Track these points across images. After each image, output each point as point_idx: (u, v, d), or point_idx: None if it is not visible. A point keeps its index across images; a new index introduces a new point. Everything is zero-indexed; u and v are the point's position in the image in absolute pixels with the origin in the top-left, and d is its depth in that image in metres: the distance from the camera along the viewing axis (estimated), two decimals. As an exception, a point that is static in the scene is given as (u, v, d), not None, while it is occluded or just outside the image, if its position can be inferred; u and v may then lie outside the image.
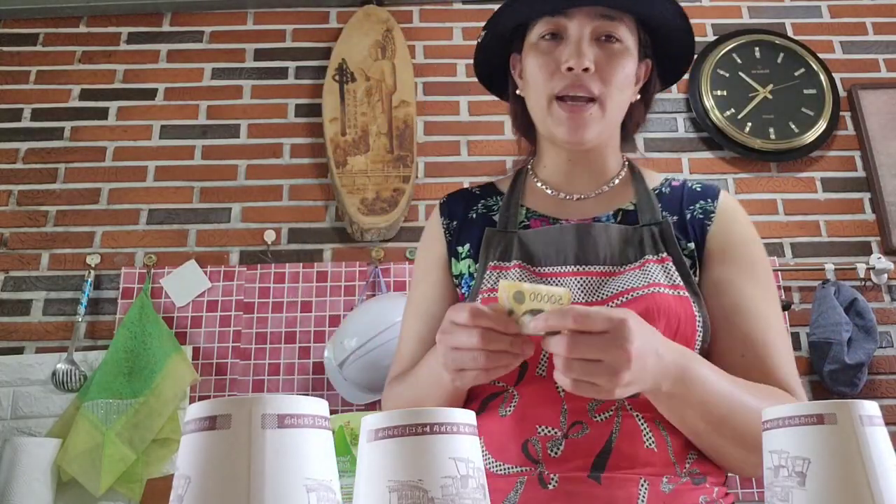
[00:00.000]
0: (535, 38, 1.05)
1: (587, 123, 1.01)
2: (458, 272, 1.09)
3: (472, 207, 1.13)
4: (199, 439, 0.48)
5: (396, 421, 0.55)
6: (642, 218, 1.04)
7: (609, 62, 1.01)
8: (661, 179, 1.14)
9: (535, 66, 1.04)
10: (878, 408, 0.61)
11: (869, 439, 0.56)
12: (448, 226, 1.12)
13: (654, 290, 0.94)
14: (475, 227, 1.10)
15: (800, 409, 0.59)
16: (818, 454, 0.56)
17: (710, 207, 1.06)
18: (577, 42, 1.00)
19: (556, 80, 1.01)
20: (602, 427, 0.89)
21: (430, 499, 0.52)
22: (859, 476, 0.55)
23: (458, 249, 1.10)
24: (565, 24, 1.01)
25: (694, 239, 1.03)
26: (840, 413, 0.57)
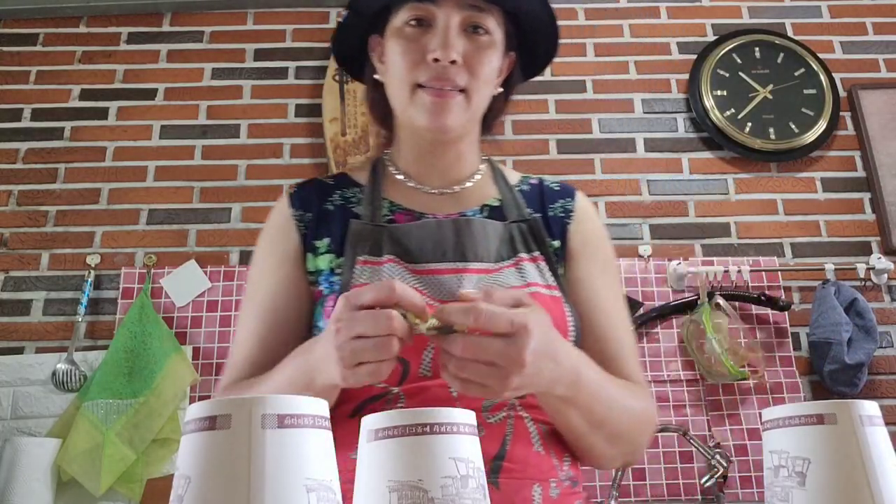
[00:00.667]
0: (399, 23, 0.99)
1: (451, 110, 0.97)
2: (316, 268, 1.00)
3: (327, 199, 1.05)
4: (199, 439, 0.48)
5: (396, 421, 0.55)
6: (509, 214, 1.04)
7: (476, 55, 0.98)
8: (520, 177, 1.14)
9: (398, 52, 0.99)
10: (878, 408, 0.61)
11: (869, 439, 0.56)
12: (301, 218, 1.03)
13: (533, 290, 0.95)
14: (334, 219, 1.02)
15: (800, 409, 0.59)
16: (818, 454, 0.56)
17: (569, 206, 1.08)
18: (444, 32, 0.96)
19: (421, 69, 0.96)
20: (496, 429, 0.88)
21: (430, 499, 0.52)
22: (859, 476, 0.55)
23: (315, 244, 1.01)
24: (433, 11, 0.97)
25: (558, 236, 1.05)
26: (840, 413, 0.57)
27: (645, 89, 2.64)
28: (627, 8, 2.75)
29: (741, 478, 2.16)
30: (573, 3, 2.74)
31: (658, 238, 2.45)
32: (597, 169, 2.53)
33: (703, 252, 2.43)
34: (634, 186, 2.51)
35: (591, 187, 2.50)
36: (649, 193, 2.50)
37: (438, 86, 0.96)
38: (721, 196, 2.50)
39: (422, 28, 0.98)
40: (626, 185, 2.51)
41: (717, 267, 2.33)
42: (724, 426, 2.21)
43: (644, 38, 2.71)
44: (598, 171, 2.52)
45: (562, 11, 2.72)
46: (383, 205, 1.04)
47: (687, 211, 2.48)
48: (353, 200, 1.05)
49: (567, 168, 2.52)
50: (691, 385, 2.25)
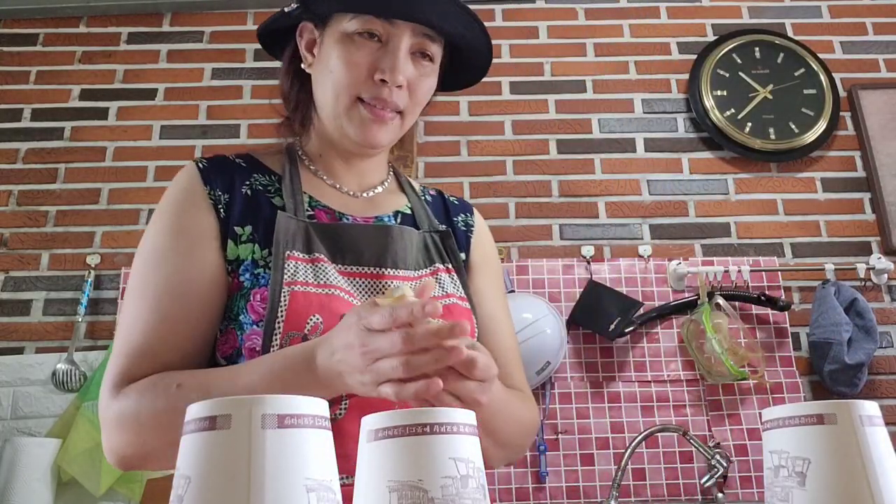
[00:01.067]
0: (350, 30, 0.96)
1: (386, 130, 0.98)
2: (237, 256, 0.93)
3: (244, 182, 0.99)
4: (199, 439, 0.48)
5: (396, 421, 0.55)
6: (421, 223, 1.06)
7: (420, 80, 0.99)
8: (420, 187, 1.16)
9: (343, 60, 0.96)
10: (878, 408, 0.61)
11: (869, 439, 0.56)
12: (219, 199, 0.95)
13: (452, 302, 0.98)
14: (255, 207, 0.96)
15: (800, 409, 0.59)
16: (818, 454, 0.56)
17: (470, 222, 1.13)
18: (395, 54, 0.95)
19: (366, 85, 0.96)
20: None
21: (430, 499, 0.52)
22: (859, 476, 0.55)
23: (236, 230, 0.94)
24: (389, 30, 0.96)
25: (463, 249, 1.08)
26: (840, 413, 0.57)
27: (645, 89, 2.64)
28: (627, 8, 2.75)
29: (741, 478, 2.16)
30: (573, 3, 2.74)
31: (658, 238, 2.45)
32: (597, 169, 2.53)
33: (703, 252, 2.43)
34: (634, 186, 2.51)
35: (591, 187, 2.50)
36: (649, 193, 2.50)
37: (380, 106, 0.96)
38: (721, 196, 2.50)
39: (372, 42, 0.96)
40: (626, 185, 2.51)
41: (717, 267, 2.33)
42: (724, 426, 2.22)
43: (644, 38, 2.71)
44: (598, 171, 2.52)
45: (562, 11, 2.72)
46: (304, 199, 1.00)
47: (687, 211, 2.48)
48: (271, 189, 1.00)
49: (567, 168, 2.52)
50: (691, 385, 2.25)
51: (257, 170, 1.03)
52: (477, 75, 1.10)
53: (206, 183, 0.96)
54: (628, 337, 2.29)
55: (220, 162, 1.01)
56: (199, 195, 0.95)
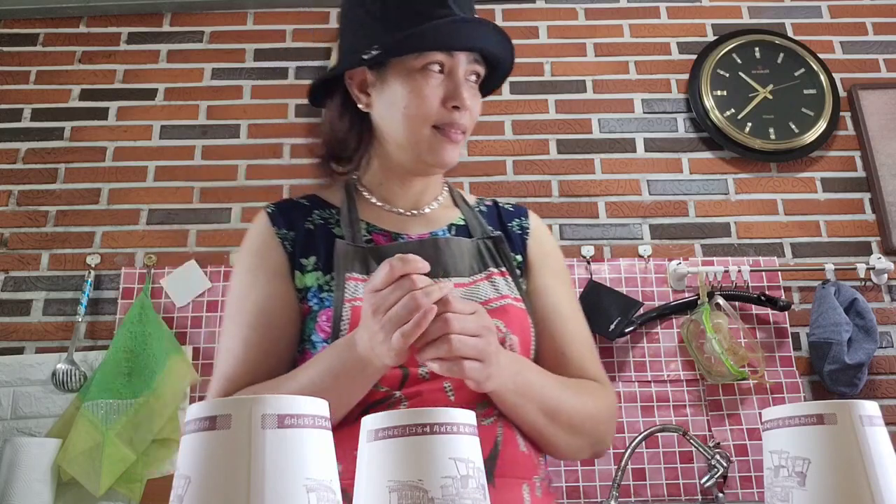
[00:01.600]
0: (416, 66, 1.05)
1: (456, 149, 1.09)
2: (304, 285, 1.06)
3: (307, 218, 1.12)
4: (199, 439, 0.48)
5: (396, 421, 0.55)
6: (474, 232, 1.14)
7: (474, 100, 1.09)
8: (476, 199, 1.24)
9: (416, 94, 1.05)
10: (878, 408, 0.61)
11: (869, 439, 0.56)
12: (286, 236, 1.09)
13: (507, 303, 1.05)
14: (317, 239, 1.09)
15: (800, 409, 0.59)
16: (818, 454, 0.56)
17: (525, 224, 1.20)
18: (459, 83, 1.06)
19: (440, 114, 1.05)
20: (488, 430, 0.96)
21: (430, 499, 0.52)
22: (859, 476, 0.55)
23: (302, 262, 1.07)
24: (450, 61, 1.06)
25: (519, 251, 1.16)
26: (840, 413, 0.57)
27: (645, 89, 2.64)
28: (627, 8, 2.75)
29: (741, 478, 2.16)
30: (573, 3, 2.74)
31: (658, 238, 2.45)
32: (597, 169, 2.53)
33: (703, 252, 2.43)
34: (634, 186, 2.51)
35: (591, 187, 2.50)
36: (649, 193, 2.50)
37: (453, 130, 1.06)
38: (721, 196, 2.50)
39: (436, 73, 1.06)
40: (626, 185, 2.51)
41: (717, 267, 2.33)
42: (724, 426, 2.21)
43: (644, 38, 2.71)
44: (598, 171, 2.52)
45: (562, 11, 2.72)
46: (361, 226, 1.10)
47: (687, 211, 2.48)
48: (332, 221, 1.12)
49: (567, 168, 2.52)
50: (691, 385, 2.25)
51: (318, 206, 1.14)
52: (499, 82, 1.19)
53: (274, 224, 1.10)
54: (628, 337, 2.29)
55: (285, 204, 1.15)
56: (269, 236, 1.09)
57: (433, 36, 1.04)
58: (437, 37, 1.04)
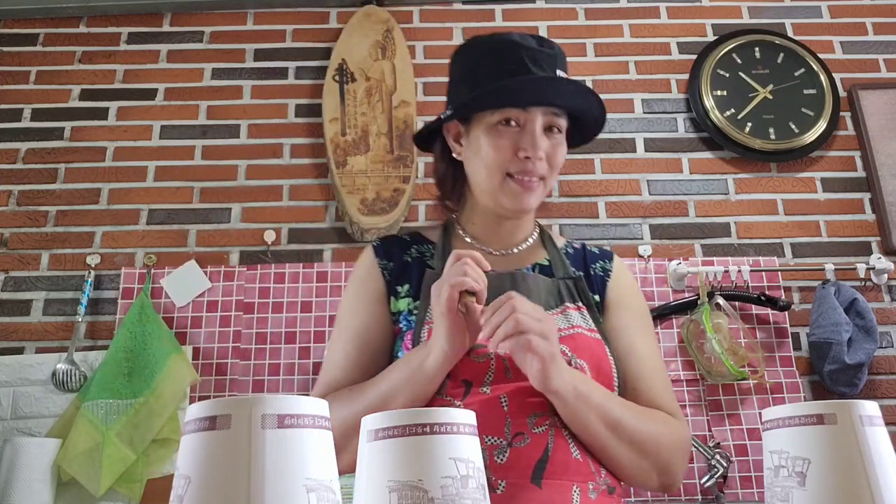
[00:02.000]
0: (494, 121, 1.18)
1: (533, 195, 1.19)
2: (398, 309, 1.21)
3: (406, 252, 1.27)
4: (199, 439, 0.48)
5: (396, 421, 0.54)
6: (557, 272, 1.23)
7: (554, 151, 1.19)
8: (564, 242, 1.34)
9: (492, 146, 1.18)
10: (878, 408, 0.60)
11: (869, 439, 0.56)
12: (385, 266, 1.25)
13: (577, 332, 1.14)
14: (412, 270, 1.24)
15: (800, 409, 0.59)
16: (818, 454, 0.56)
17: (608, 267, 1.29)
18: (533, 134, 1.16)
19: (513, 163, 1.17)
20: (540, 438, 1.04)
21: (430, 499, 0.52)
22: (859, 476, 0.55)
23: (397, 289, 1.22)
24: (524, 116, 1.17)
25: (598, 292, 1.24)
26: (840, 413, 0.57)
27: (645, 89, 2.64)
28: (627, 8, 2.75)
29: (741, 478, 2.16)
30: (573, 3, 2.74)
31: (658, 238, 2.45)
32: (597, 169, 2.52)
33: (703, 252, 2.43)
34: (634, 186, 2.51)
35: (591, 187, 2.50)
36: (649, 193, 2.50)
37: (526, 178, 1.17)
38: (721, 196, 2.50)
39: (511, 128, 1.17)
40: (626, 185, 2.51)
41: (717, 267, 2.33)
42: (724, 426, 2.21)
43: (644, 38, 2.71)
44: (598, 171, 2.52)
45: (562, 11, 2.72)
46: None
47: (687, 211, 2.48)
48: (427, 255, 1.27)
49: (567, 168, 2.51)
50: (691, 385, 2.25)
51: (418, 242, 1.30)
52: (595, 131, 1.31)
53: (376, 256, 1.26)
54: (628, 337, 2.28)
55: (389, 239, 1.31)
56: (372, 265, 1.25)
57: (506, 94, 1.17)
58: (508, 95, 1.17)
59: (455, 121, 1.25)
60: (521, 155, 1.16)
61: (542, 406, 1.05)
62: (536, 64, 1.18)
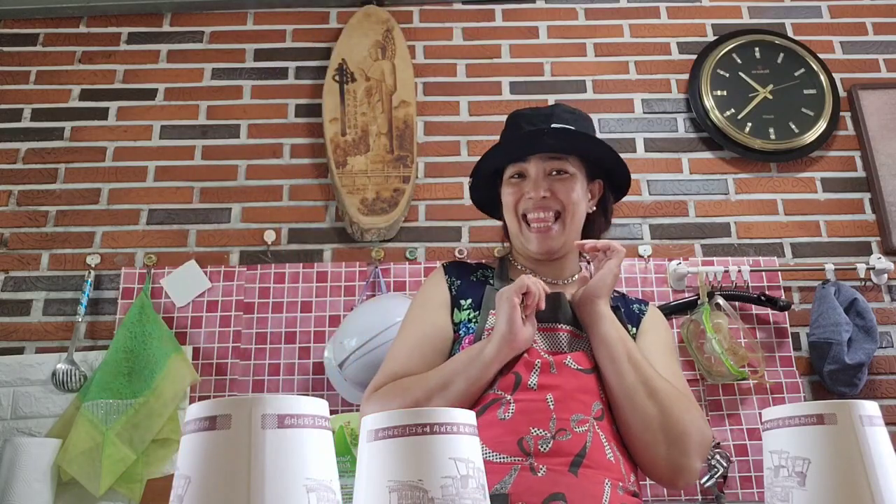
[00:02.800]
0: (506, 177, 1.45)
1: (551, 237, 1.39)
2: (459, 320, 1.37)
3: (472, 274, 1.46)
4: (199, 439, 0.48)
5: (396, 421, 0.54)
6: None
7: (562, 187, 1.38)
8: None
9: (506, 195, 1.44)
10: (878, 408, 0.60)
11: (869, 439, 0.56)
12: (452, 283, 1.44)
13: None
14: (475, 287, 1.42)
15: (800, 409, 0.59)
16: (818, 454, 0.56)
17: (643, 308, 1.47)
18: (535, 178, 1.39)
19: (522, 204, 1.41)
20: (580, 437, 1.17)
21: (430, 499, 0.52)
22: (859, 476, 0.55)
23: (461, 302, 1.40)
24: (526, 167, 1.41)
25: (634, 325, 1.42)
26: (840, 413, 0.57)
27: (645, 89, 2.64)
28: (627, 8, 2.75)
29: (741, 478, 2.16)
30: (573, 3, 2.74)
31: (658, 238, 2.45)
32: (597, 169, 2.52)
33: (703, 252, 2.42)
34: (634, 186, 2.51)
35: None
36: (649, 193, 2.50)
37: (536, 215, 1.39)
38: (721, 196, 2.50)
39: (521, 178, 1.42)
40: (626, 185, 2.51)
41: (717, 267, 2.33)
42: (724, 426, 2.21)
43: (644, 38, 2.71)
44: (598, 171, 2.52)
45: (562, 11, 2.72)
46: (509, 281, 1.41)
47: (687, 211, 2.48)
48: (490, 277, 1.46)
49: (567, 168, 2.52)
50: (691, 385, 2.25)
51: (482, 268, 1.50)
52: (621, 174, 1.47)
53: (446, 274, 1.46)
54: (628, 337, 2.28)
55: (458, 263, 1.52)
56: (441, 280, 1.45)
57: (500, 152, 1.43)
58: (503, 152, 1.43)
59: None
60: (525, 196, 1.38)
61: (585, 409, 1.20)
62: (531, 123, 1.43)
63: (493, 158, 1.45)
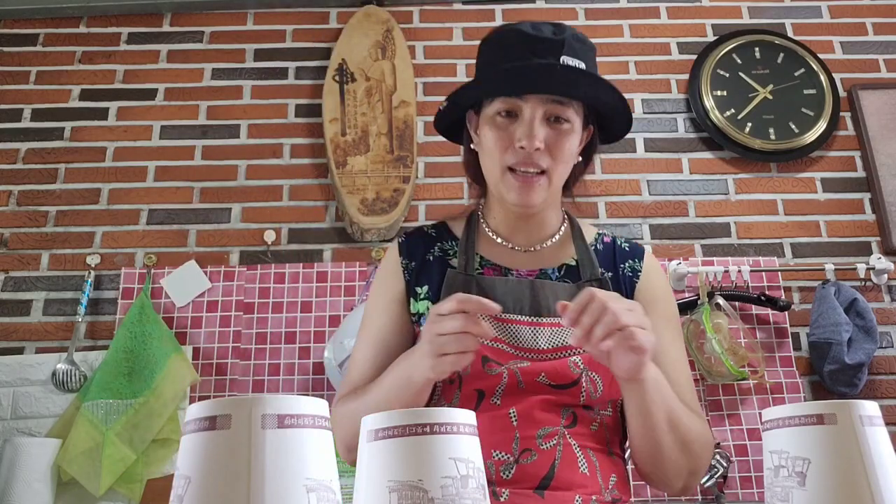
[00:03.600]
0: (491, 113, 1.15)
1: (535, 191, 1.13)
2: (417, 311, 1.19)
3: (429, 250, 1.23)
4: (199, 439, 0.48)
5: (396, 421, 0.54)
6: (584, 273, 1.19)
7: (557, 141, 1.12)
8: (595, 234, 1.28)
9: (491, 138, 1.14)
10: (878, 408, 0.60)
11: (869, 439, 0.56)
12: (407, 266, 1.22)
13: None
14: (433, 269, 1.21)
15: (800, 409, 0.59)
16: (818, 454, 0.56)
17: (637, 267, 1.23)
18: (529, 123, 1.11)
19: (510, 154, 1.12)
20: (547, 454, 1.04)
21: (430, 499, 0.52)
22: (859, 476, 0.55)
23: (416, 290, 1.20)
24: (520, 105, 1.12)
25: (626, 294, 1.19)
26: (840, 413, 0.57)
27: (645, 89, 2.64)
28: (627, 8, 2.75)
29: (741, 478, 2.16)
30: (573, 3, 2.74)
31: (658, 238, 2.45)
32: (597, 169, 2.52)
33: (703, 252, 2.42)
34: (634, 186, 2.51)
35: (592, 187, 2.50)
36: (649, 193, 2.50)
37: (524, 169, 1.12)
38: (721, 196, 2.50)
39: (510, 118, 1.13)
40: (626, 185, 2.51)
41: (717, 267, 2.33)
42: (724, 426, 2.21)
43: (644, 38, 2.71)
44: (599, 170, 2.52)
45: (562, 11, 2.72)
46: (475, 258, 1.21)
47: (687, 211, 2.48)
48: (451, 253, 1.23)
49: (567, 168, 2.52)
50: (691, 385, 2.25)
51: (443, 237, 1.26)
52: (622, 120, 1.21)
53: (401, 254, 1.23)
54: (628, 337, 2.28)
55: (414, 234, 1.27)
56: (395, 265, 1.23)
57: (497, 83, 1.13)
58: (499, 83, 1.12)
59: (472, 112, 1.21)
60: (517, 145, 1.11)
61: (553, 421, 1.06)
62: (536, 52, 1.12)
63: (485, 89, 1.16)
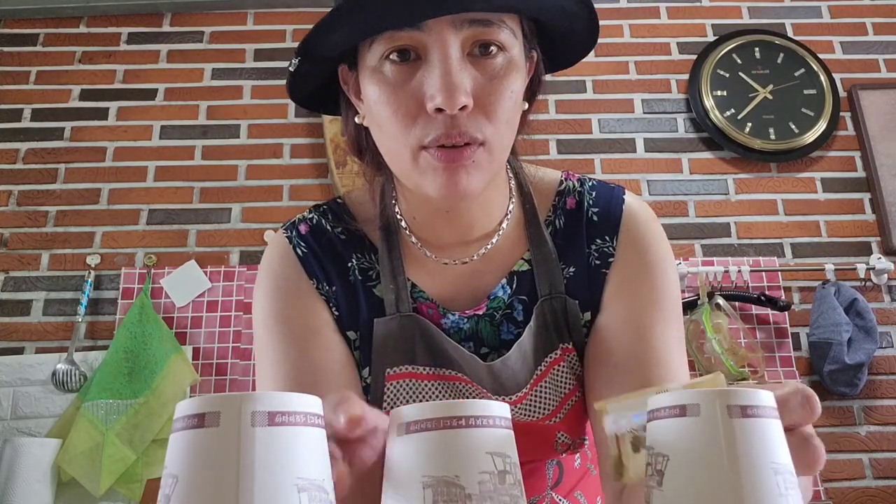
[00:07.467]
0: (375, 61, 0.70)
1: (470, 174, 0.69)
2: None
3: (345, 265, 0.85)
4: (186, 437, 0.47)
5: (430, 414, 0.53)
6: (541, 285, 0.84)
7: (492, 88, 0.69)
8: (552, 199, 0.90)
9: (383, 102, 0.69)
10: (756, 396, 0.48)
11: (737, 433, 0.47)
12: (328, 293, 0.83)
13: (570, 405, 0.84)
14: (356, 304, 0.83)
15: (665, 399, 0.50)
16: (678, 451, 0.50)
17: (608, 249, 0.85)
18: (443, 65, 0.66)
19: (421, 125, 0.68)
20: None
21: (466, 495, 0.50)
22: (723, 476, 0.47)
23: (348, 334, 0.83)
24: (421, 38, 0.67)
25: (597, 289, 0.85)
26: (704, 403, 0.48)
27: (645, 89, 2.64)
28: (627, 8, 2.74)
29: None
30: (573, 3, 2.73)
31: (658, 238, 2.44)
32: (597, 169, 2.52)
33: (703, 252, 2.42)
34: (634, 186, 2.50)
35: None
36: (649, 193, 2.50)
37: (449, 143, 0.68)
38: (721, 196, 2.50)
39: (408, 64, 0.68)
40: (626, 185, 2.49)
41: (717, 267, 2.33)
42: (723, 426, 2.21)
43: (644, 38, 2.70)
44: (598, 171, 2.52)
45: (562, 11, 2.71)
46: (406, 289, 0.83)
47: (687, 211, 2.48)
48: (372, 276, 0.85)
49: (567, 168, 2.51)
50: (691, 385, 2.25)
51: (357, 247, 0.86)
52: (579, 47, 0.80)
53: (310, 277, 0.84)
54: (628, 337, 2.28)
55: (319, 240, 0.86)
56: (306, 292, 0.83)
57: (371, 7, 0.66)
58: (375, 7, 0.66)
59: (345, 67, 0.77)
60: (429, 108, 0.66)
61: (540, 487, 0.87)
62: None
63: (355, 21, 0.68)
